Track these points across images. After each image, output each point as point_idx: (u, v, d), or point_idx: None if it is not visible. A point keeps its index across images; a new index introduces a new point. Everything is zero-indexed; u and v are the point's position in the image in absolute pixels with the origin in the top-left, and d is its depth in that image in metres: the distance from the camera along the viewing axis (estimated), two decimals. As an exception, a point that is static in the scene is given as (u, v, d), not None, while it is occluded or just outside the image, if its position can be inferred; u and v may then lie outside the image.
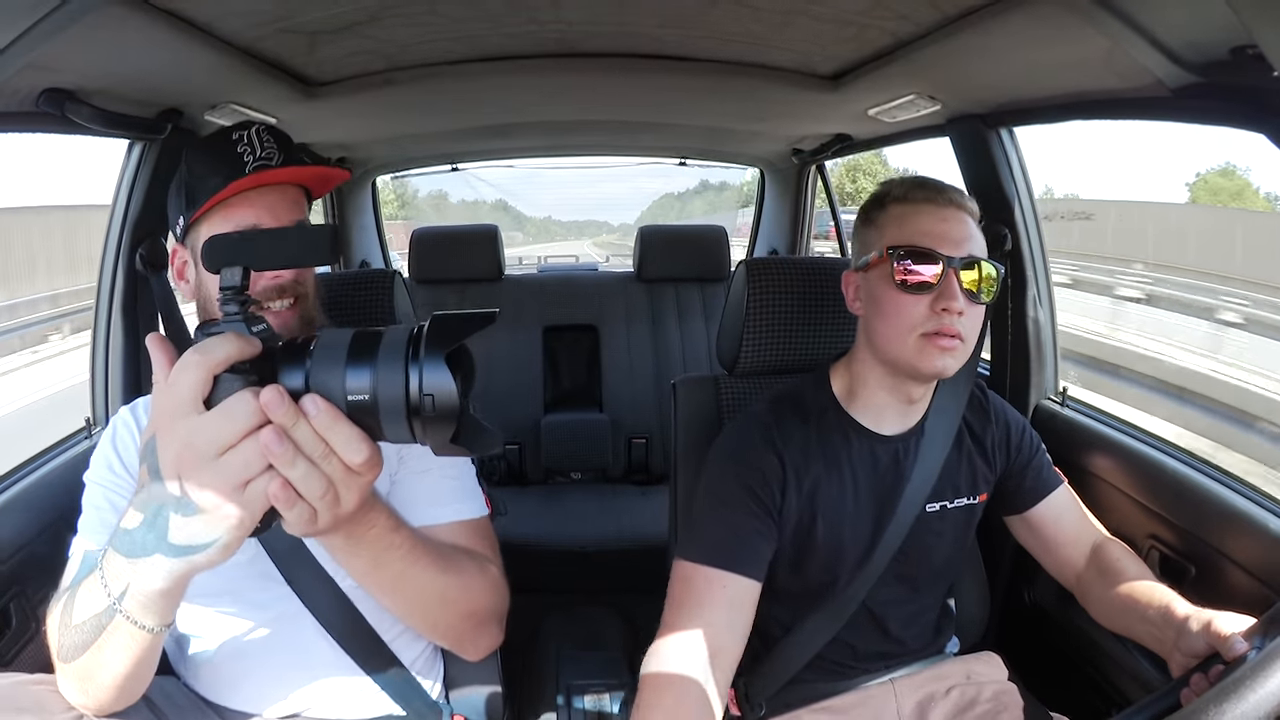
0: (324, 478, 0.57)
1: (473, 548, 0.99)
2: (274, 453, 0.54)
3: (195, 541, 0.58)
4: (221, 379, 0.56)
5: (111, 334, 1.51)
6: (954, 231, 1.03)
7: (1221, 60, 0.95)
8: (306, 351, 0.57)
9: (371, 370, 0.55)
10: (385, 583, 0.81)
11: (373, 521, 0.72)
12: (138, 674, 0.74)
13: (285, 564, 0.98)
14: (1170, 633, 0.90)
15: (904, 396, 1.10)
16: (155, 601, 0.63)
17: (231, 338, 0.56)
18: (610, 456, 2.66)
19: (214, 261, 0.59)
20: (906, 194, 1.07)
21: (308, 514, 0.58)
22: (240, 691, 1.01)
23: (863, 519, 1.10)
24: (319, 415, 0.55)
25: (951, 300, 1.00)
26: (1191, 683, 0.79)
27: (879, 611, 1.14)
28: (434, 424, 0.55)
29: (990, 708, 1.13)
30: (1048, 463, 1.20)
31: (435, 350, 0.54)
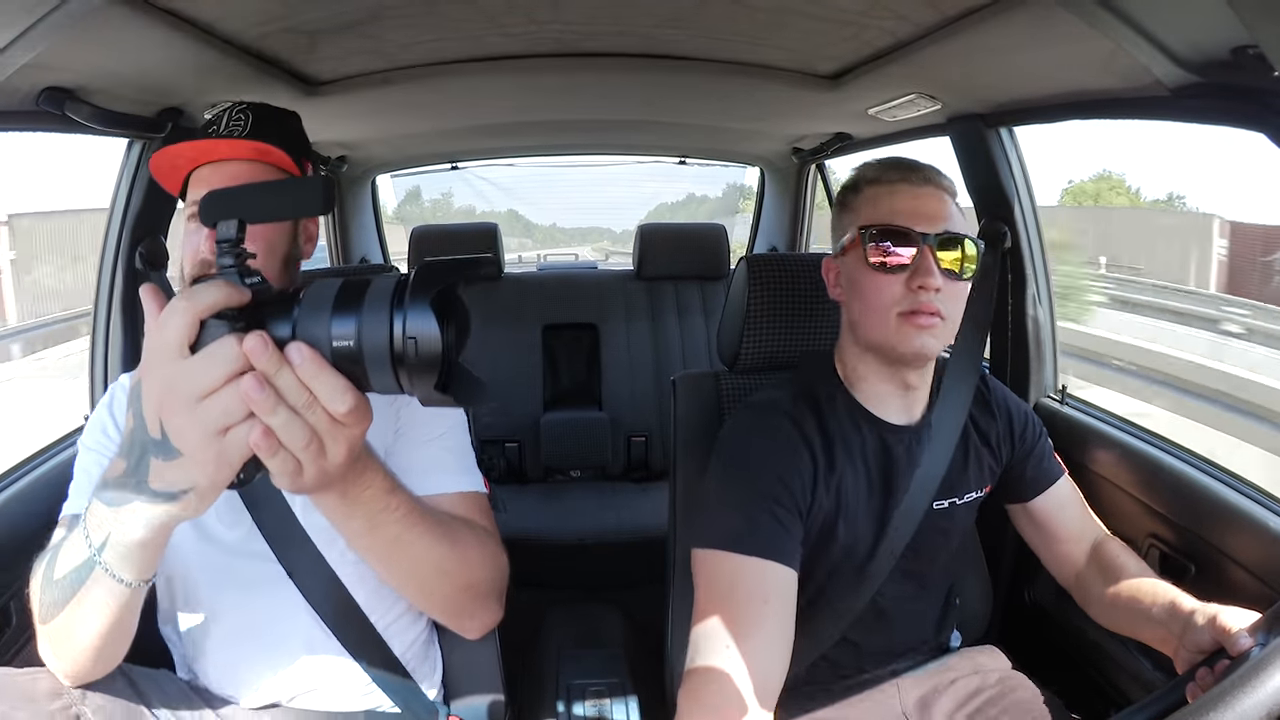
0: (307, 427, 0.55)
1: (472, 518, 0.98)
2: (254, 399, 0.53)
3: (174, 488, 0.57)
4: (208, 325, 0.55)
5: (111, 332, 1.51)
6: (928, 208, 1.01)
7: (1222, 60, 0.94)
8: (295, 300, 0.57)
9: (357, 317, 0.54)
10: (381, 547, 0.79)
11: (368, 481, 0.71)
12: (115, 635, 0.75)
13: (279, 544, 0.98)
14: (1176, 628, 0.90)
15: (899, 383, 1.07)
16: (134, 552, 0.64)
17: (220, 284, 0.55)
18: (610, 454, 2.66)
19: (210, 215, 0.59)
20: (880, 175, 1.06)
21: (291, 465, 0.57)
22: (231, 676, 1.01)
23: (872, 511, 1.08)
24: (303, 363, 0.54)
25: (927, 277, 0.98)
26: (1197, 678, 0.79)
27: (886, 609, 1.12)
28: (419, 371, 0.54)
29: (996, 692, 1.13)
30: (1049, 451, 1.18)
31: (420, 294, 0.54)
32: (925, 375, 1.10)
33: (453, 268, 0.56)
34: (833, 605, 1.10)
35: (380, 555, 0.82)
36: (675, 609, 1.25)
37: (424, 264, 0.56)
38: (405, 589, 0.90)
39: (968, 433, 1.14)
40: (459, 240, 2.79)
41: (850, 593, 1.09)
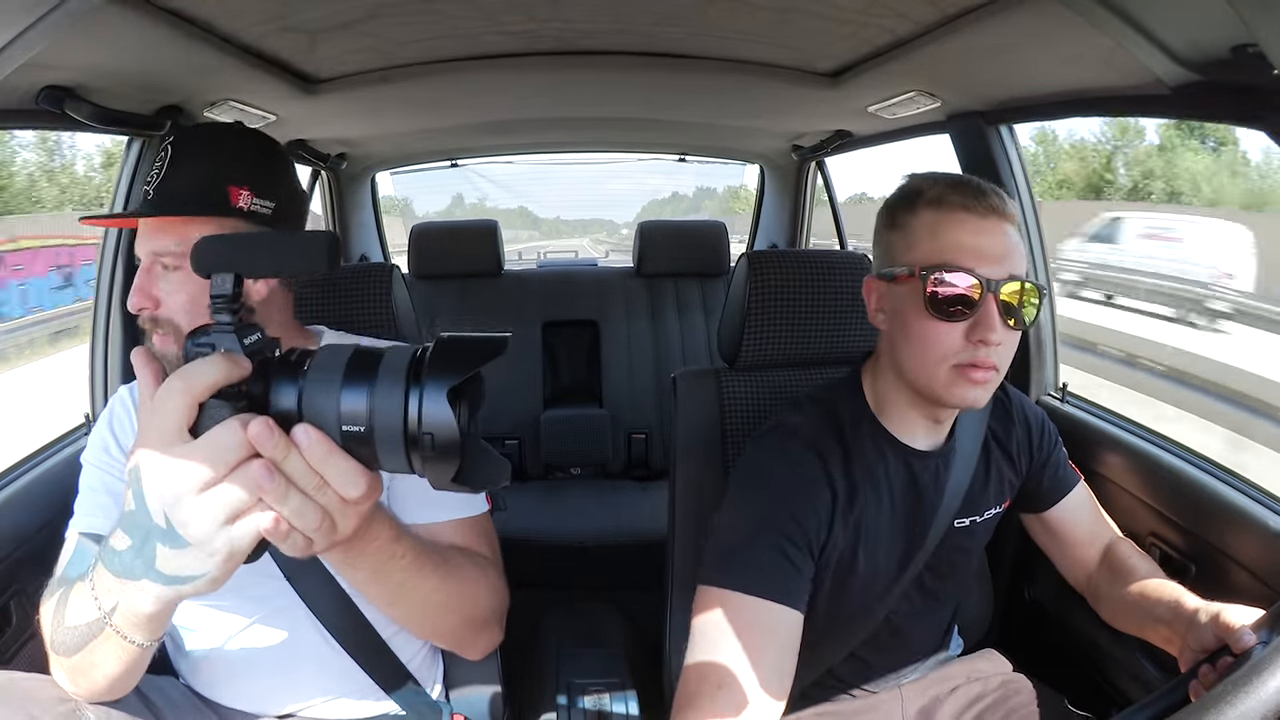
0: (319, 509, 0.53)
1: (472, 547, 0.98)
2: (265, 489, 0.51)
3: (183, 573, 0.55)
4: (208, 405, 0.52)
5: (110, 330, 1.51)
6: (994, 246, 0.91)
7: (1222, 58, 0.94)
8: (301, 370, 0.53)
9: (369, 398, 0.51)
10: (386, 593, 0.79)
11: (374, 535, 0.69)
12: (130, 674, 0.74)
13: (286, 561, 0.98)
14: (1180, 627, 0.89)
15: (930, 417, 1.01)
16: (144, 623, 0.62)
17: (218, 361, 0.52)
18: (610, 452, 2.66)
19: (203, 266, 0.56)
20: (941, 196, 0.93)
21: (302, 543, 0.55)
22: (238, 688, 1.01)
23: (897, 540, 1.03)
24: (312, 448, 0.51)
25: (989, 332, 0.89)
26: (1199, 675, 0.79)
27: (900, 626, 1.10)
28: (434, 461, 0.50)
29: (997, 697, 1.12)
30: (1064, 459, 1.15)
31: (437, 383, 0.50)
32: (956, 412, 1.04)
33: (471, 349, 0.52)
34: (845, 626, 1.07)
35: (385, 599, 0.81)
36: (674, 610, 1.25)
37: (440, 342, 0.52)
38: (409, 624, 0.91)
39: (988, 447, 1.09)
40: (459, 238, 2.79)
41: (864, 614, 1.06)
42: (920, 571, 1.07)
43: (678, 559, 1.25)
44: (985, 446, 1.09)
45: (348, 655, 1.00)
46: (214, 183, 0.93)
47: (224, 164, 0.96)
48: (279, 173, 1.01)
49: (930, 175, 0.97)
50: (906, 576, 1.05)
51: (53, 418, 1.58)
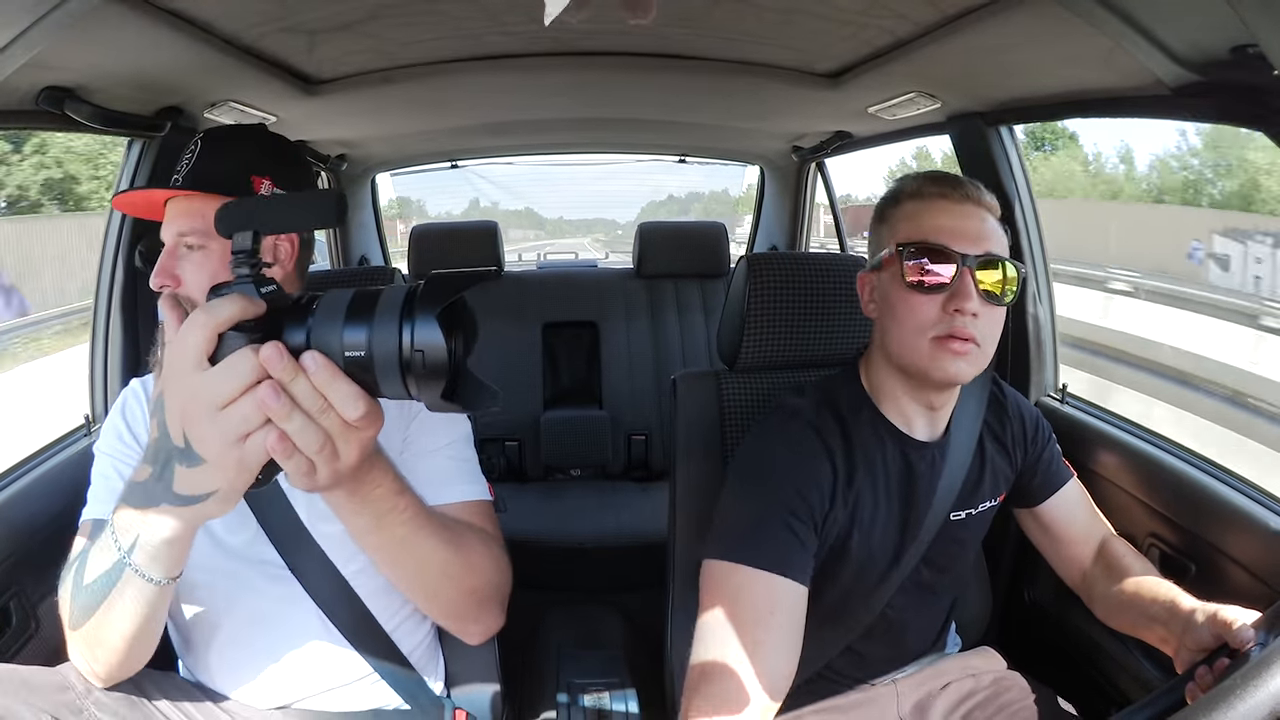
0: (321, 431, 0.58)
1: (477, 524, 0.99)
2: (270, 406, 0.56)
3: (199, 491, 0.61)
4: (226, 337, 0.58)
5: (110, 330, 1.52)
6: (970, 228, 0.97)
7: (1222, 59, 0.94)
8: (310, 310, 0.59)
9: (368, 327, 0.57)
10: (388, 546, 0.81)
11: (377, 481, 0.73)
12: (144, 633, 0.77)
13: (287, 549, 0.99)
14: (1176, 627, 0.89)
15: (924, 403, 1.04)
16: (162, 552, 0.67)
17: (237, 298, 0.58)
18: (610, 453, 2.66)
19: (226, 226, 0.61)
20: (920, 189, 1.01)
21: (305, 466, 0.59)
22: (241, 678, 1.01)
23: (891, 526, 1.05)
24: (317, 371, 0.57)
25: (965, 300, 0.94)
26: (1196, 677, 0.79)
27: (895, 619, 1.11)
28: (426, 379, 0.56)
29: (990, 693, 1.12)
30: (1058, 455, 1.17)
31: (428, 307, 0.56)
32: (951, 396, 1.06)
33: (458, 280, 0.58)
34: (842, 617, 1.08)
35: (386, 554, 0.83)
36: (675, 612, 1.25)
37: (431, 276, 0.58)
38: (410, 590, 0.91)
39: (983, 441, 1.11)
40: (459, 239, 2.79)
41: (861, 605, 1.08)
42: (917, 565, 1.08)
43: (678, 560, 1.25)
44: (980, 440, 1.11)
45: (350, 646, 1.01)
46: (240, 170, 1.01)
47: (250, 156, 1.04)
48: (298, 169, 1.09)
49: (913, 174, 1.05)
50: (902, 567, 1.06)
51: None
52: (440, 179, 3.30)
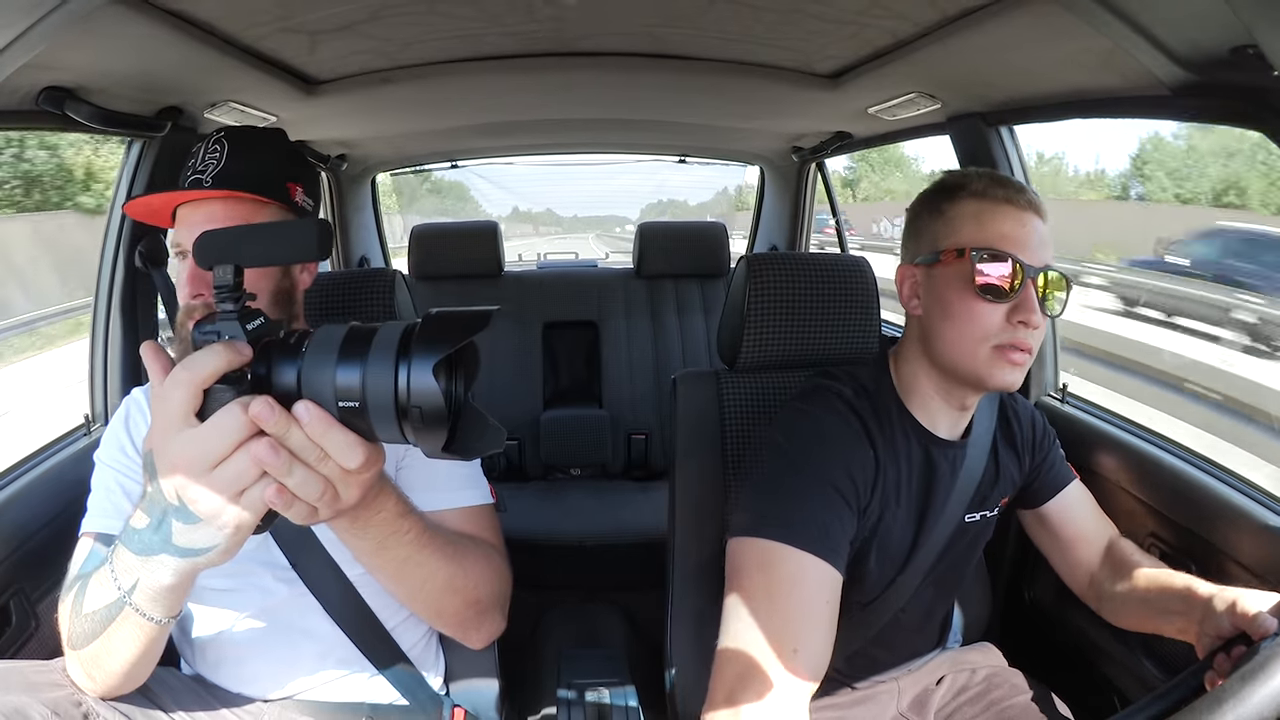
0: (321, 479, 0.57)
1: (478, 534, 1.00)
2: (268, 463, 0.55)
3: (198, 545, 0.60)
4: (212, 391, 0.56)
5: (111, 330, 1.51)
6: (1032, 237, 0.95)
7: (1221, 59, 0.94)
8: (299, 351, 0.56)
9: (361, 373, 0.54)
10: (390, 567, 0.81)
11: (380, 506, 0.72)
12: (145, 659, 0.77)
13: (292, 550, 0.99)
14: (1195, 615, 0.89)
15: (957, 403, 1.03)
16: (163, 596, 0.66)
17: (219, 350, 0.55)
18: (610, 453, 2.66)
19: (205, 259, 0.59)
20: (985, 189, 0.97)
21: (306, 511, 0.59)
22: (242, 673, 1.02)
23: (908, 524, 1.04)
24: (311, 423, 0.55)
25: (1030, 313, 0.93)
26: (1215, 664, 0.79)
27: (905, 622, 1.11)
28: (424, 431, 0.54)
29: (983, 688, 1.13)
30: (1061, 457, 1.16)
31: (424, 357, 0.53)
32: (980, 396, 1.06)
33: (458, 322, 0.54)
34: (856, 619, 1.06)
35: (389, 574, 0.83)
36: (675, 610, 1.25)
37: (427, 316, 0.55)
38: (413, 604, 0.92)
39: (996, 443, 1.11)
40: (459, 239, 2.79)
41: (879, 605, 1.07)
42: (934, 564, 1.07)
43: (678, 559, 1.25)
44: (994, 443, 1.10)
45: (351, 644, 1.02)
46: (279, 174, 1.00)
47: (284, 160, 1.03)
48: (316, 179, 1.09)
49: (972, 170, 1.01)
50: (915, 566, 1.05)
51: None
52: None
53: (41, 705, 0.79)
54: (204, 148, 0.98)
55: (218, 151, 0.97)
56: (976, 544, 1.14)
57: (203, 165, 0.97)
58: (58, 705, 0.81)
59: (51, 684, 0.83)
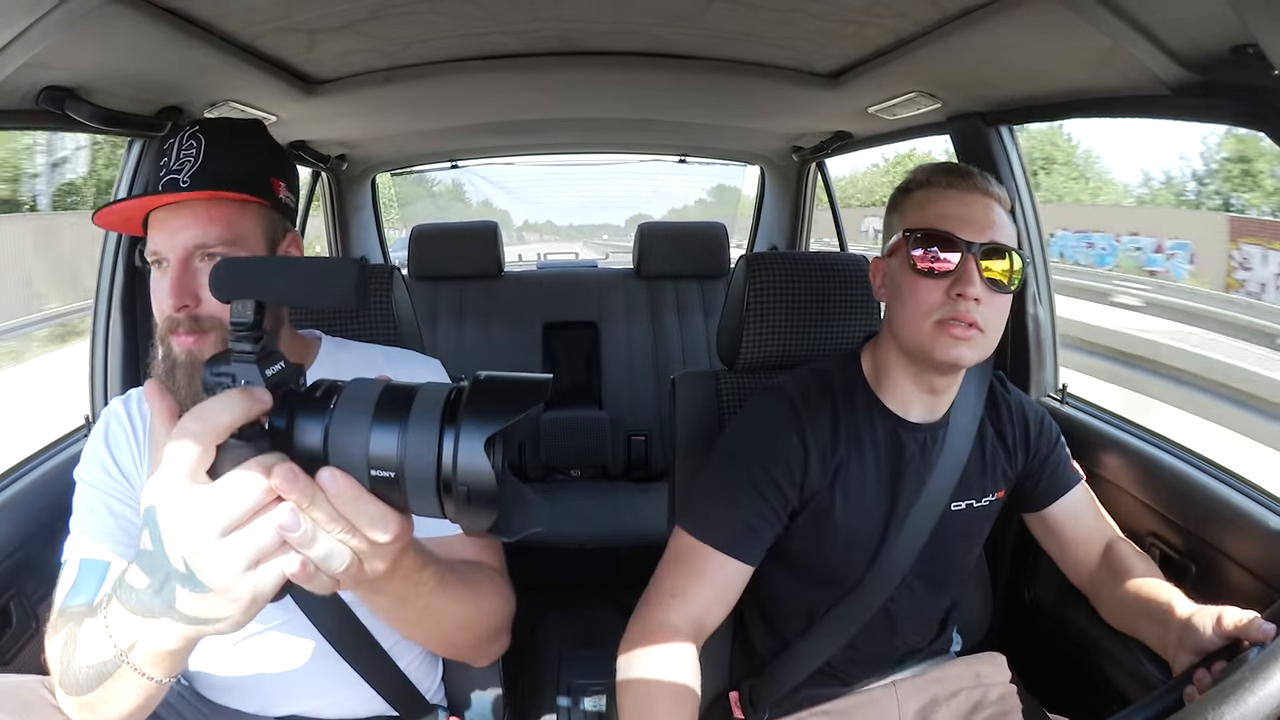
0: (348, 553, 0.51)
1: (483, 559, 0.97)
2: (290, 534, 0.49)
3: (206, 615, 0.53)
4: (227, 445, 0.49)
5: (110, 331, 1.51)
6: (976, 216, 0.99)
7: (1221, 59, 0.94)
8: (327, 406, 0.50)
9: (400, 441, 0.48)
10: (408, 618, 0.77)
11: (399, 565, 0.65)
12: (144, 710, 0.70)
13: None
14: (1173, 630, 0.89)
15: (926, 386, 1.07)
16: (165, 659, 0.59)
17: (237, 398, 0.49)
18: (610, 454, 2.66)
19: (224, 291, 0.53)
20: (930, 178, 1.04)
21: (329, 584, 0.53)
22: (235, 691, 1.01)
23: (879, 503, 1.07)
24: (340, 494, 0.49)
25: (968, 286, 0.96)
26: (1195, 679, 0.79)
27: (896, 614, 1.12)
28: (468, 511, 0.47)
29: (997, 710, 1.12)
30: (1066, 459, 1.17)
31: (474, 431, 0.46)
32: (953, 382, 1.08)
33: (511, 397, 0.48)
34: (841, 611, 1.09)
35: (406, 623, 0.80)
36: None
37: (477, 383, 0.49)
38: (426, 643, 0.90)
39: (985, 434, 1.12)
40: (459, 239, 2.79)
41: (861, 598, 1.08)
42: (918, 557, 1.08)
43: None
44: (982, 432, 1.12)
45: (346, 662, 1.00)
46: (261, 170, 0.94)
47: (265, 153, 0.97)
48: (296, 170, 1.03)
49: (927, 165, 1.08)
50: (899, 551, 1.07)
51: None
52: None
53: None
54: (178, 144, 0.90)
55: (194, 148, 0.89)
56: (970, 538, 1.14)
57: (178, 164, 0.89)
58: None
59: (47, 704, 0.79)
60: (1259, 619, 0.79)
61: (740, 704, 1.18)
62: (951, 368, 1.02)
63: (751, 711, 1.16)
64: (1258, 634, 0.79)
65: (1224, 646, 0.82)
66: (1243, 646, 0.80)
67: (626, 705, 0.96)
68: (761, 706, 1.15)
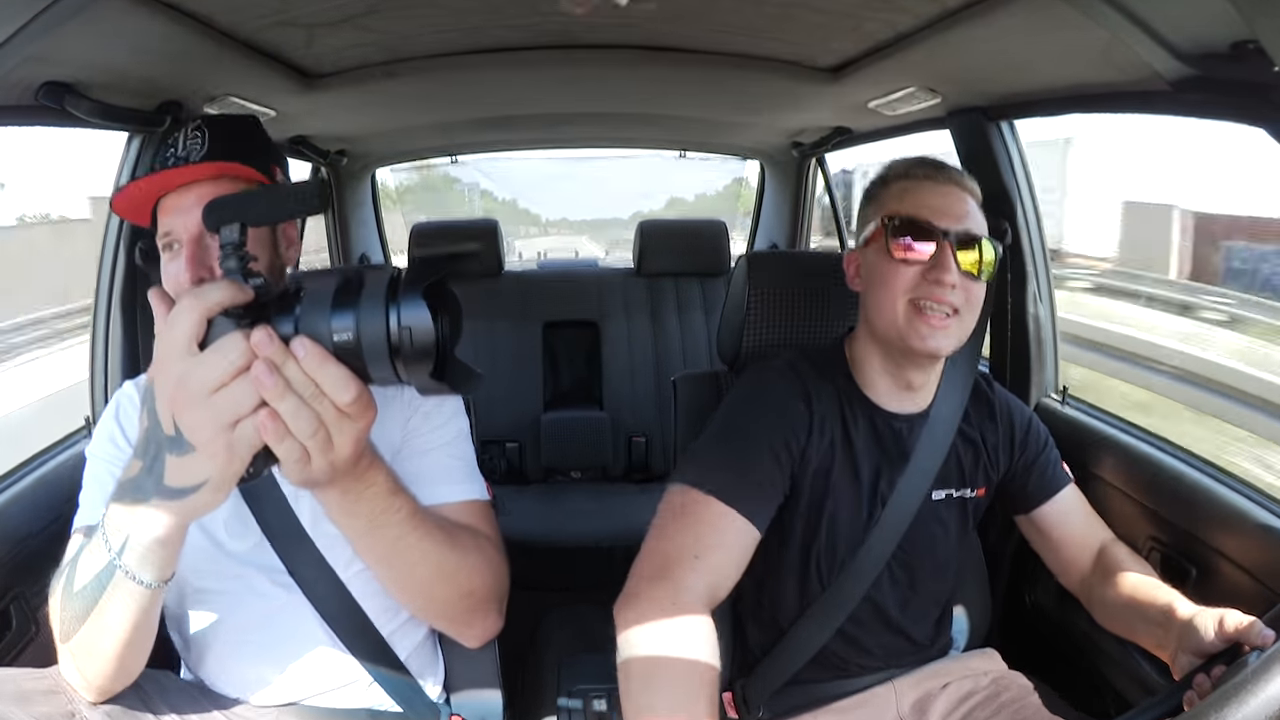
0: (314, 415, 0.58)
1: (476, 526, 0.99)
2: (265, 384, 0.57)
3: (190, 482, 0.60)
4: (215, 322, 0.59)
5: (111, 329, 1.51)
6: (952, 207, 1.03)
7: (1221, 54, 0.94)
8: (296, 299, 0.60)
9: (355, 312, 0.58)
10: (382, 547, 0.81)
11: (371, 479, 0.73)
12: (135, 642, 0.76)
13: (288, 555, 0.99)
14: (1173, 633, 0.89)
15: (902, 381, 1.08)
16: (153, 551, 0.66)
17: (225, 284, 0.58)
18: (610, 455, 2.66)
19: (213, 220, 0.61)
20: (908, 170, 1.07)
21: (299, 452, 0.60)
22: (239, 678, 1.01)
23: (860, 493, 1.09)
24: (307, 356, 0.57)
25: (944, 272, 0.99)
26: (1195, 684, 0.79)
27: (882, 602, 1.12)
28: (415, 360, 0.57)
29: (989, 693, 1.13)
30: (1055, 460, 1.17)
31: (413, 287, 0.57)
32: (930, 375, 1.10)
33: (442, 260, 0.60)
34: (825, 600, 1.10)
35: (381, 555, 0.83)
36: None
37: (415, 259, 0.59)
38: (404, 592, 0.91)
39: (968, 429, 1.13)
40: (460, 236, 2.78)
41: (846, 584, 1.09)
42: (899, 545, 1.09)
43: None
44: (966, 427, 1.13)
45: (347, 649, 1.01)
46: (262, 155, 1.00)
47: (265, 143, 1.05)
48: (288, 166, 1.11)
49: (903, 159, 1.11)
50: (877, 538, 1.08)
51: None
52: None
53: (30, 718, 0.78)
54: (184, 134, 0.97)
55: (199, 137, 0.97)
56: (948, 528, 1.14)
57: (184, 150, 0.96)
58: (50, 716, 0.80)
59: (45, 692, 0.82)
60: (1259, 624, 0.79)
61: (734, 704, 1.18)
62: (927, 356, 1.04)
63: (745, 710, 1.17)
64: (1258, 638, 0.79)
65: (1224, 650, 0.82)
66: (1243, 651, 0.80)
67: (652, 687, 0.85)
68: (755, 704, 1.15)
